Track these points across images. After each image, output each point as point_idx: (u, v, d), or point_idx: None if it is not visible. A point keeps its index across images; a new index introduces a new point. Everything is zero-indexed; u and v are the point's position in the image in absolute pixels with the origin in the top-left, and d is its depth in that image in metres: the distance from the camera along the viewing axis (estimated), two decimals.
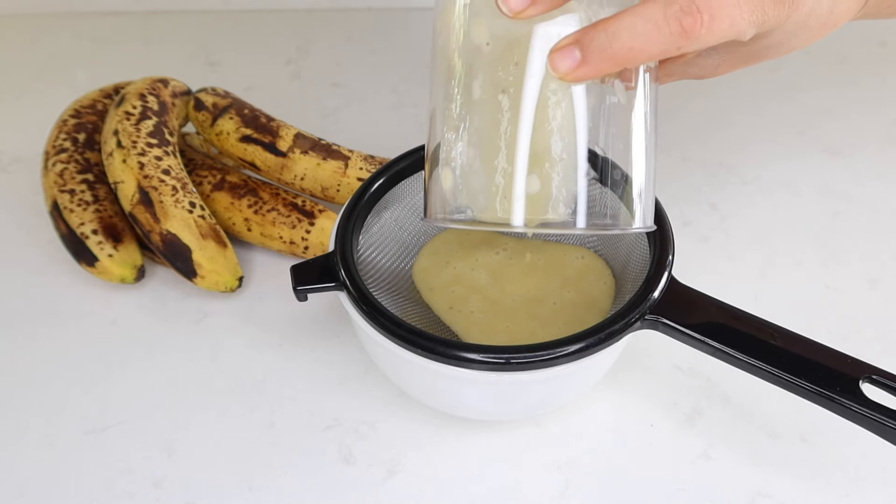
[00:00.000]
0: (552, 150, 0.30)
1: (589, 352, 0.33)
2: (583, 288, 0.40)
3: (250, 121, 0.48)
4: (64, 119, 0.49)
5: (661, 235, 0.36)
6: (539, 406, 0.38)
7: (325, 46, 0.65)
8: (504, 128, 0.30)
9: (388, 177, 0.40)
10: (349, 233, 0.37)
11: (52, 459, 0.38)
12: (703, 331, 0.33)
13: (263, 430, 0.39)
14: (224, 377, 0.41)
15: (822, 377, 0.32)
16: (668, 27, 0.28)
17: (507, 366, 0.32)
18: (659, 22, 0.28)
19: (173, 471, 0.37)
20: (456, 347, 0.33)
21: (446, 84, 0.32)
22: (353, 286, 0.35)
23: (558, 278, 0.40)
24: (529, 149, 0.30)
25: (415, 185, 0.41)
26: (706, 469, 0.37)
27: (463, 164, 0.31)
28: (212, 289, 0.44)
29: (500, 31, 0.30)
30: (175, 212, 0.43)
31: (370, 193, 0.39)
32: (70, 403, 0.40)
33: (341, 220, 0.38)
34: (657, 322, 0.34)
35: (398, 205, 0.41)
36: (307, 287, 0.36)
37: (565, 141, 0.30)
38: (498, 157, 0.30)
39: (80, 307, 0.45)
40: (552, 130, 0.30)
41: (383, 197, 0.40)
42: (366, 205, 0.39)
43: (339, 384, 0.41)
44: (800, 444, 0.38)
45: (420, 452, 0.38)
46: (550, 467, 0.38)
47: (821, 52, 0.65)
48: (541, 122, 0.30)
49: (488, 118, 0.30)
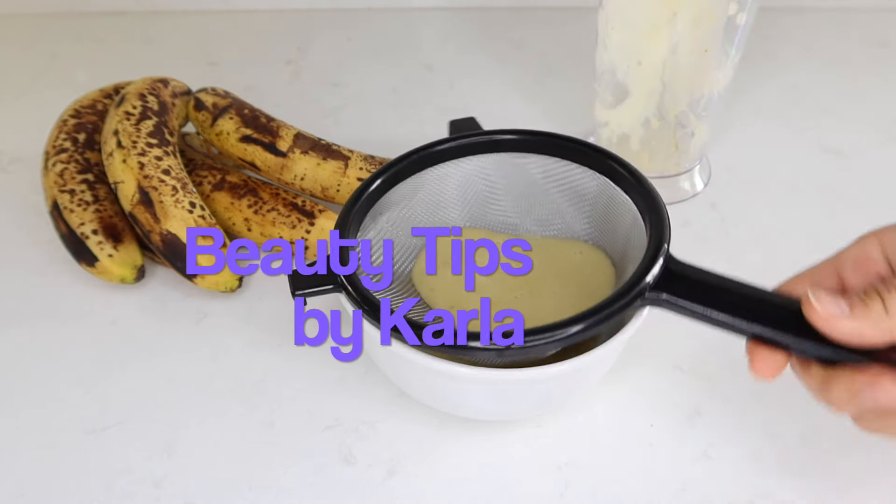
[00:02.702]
0: None
1: (591, 331, 0.32)
2: (583, 281, 0.40)
3: (250, 121, 0.48)
4: (64, 119, 0.49)
5: (657, 217, 0.35)
6: (539, 406, 0.38)
7: (325, 46, 0.65)
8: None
9: (387, 177, 0.40)
10: (347, 233, 0.37)
11: (52, 459, 0.38)
12: (708, 302, 0.33)
13: (263, 430, 0.39)
14: (224, 377, 0.41)
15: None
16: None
17: (509, 351, 0.32)
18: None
19: (173, 471, 0.37)
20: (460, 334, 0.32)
21: None
22: (352, 286, 0.35)
23: (558, 273, 0.40)
24: None
25: (414, 185, 0.41)
26: (706, 469, 0.37)
27: None
28: (212, 289, 0.44)
29: None
30: (175, 212, 0.43)
31: (369, 193, 0.39)
32: (70, 403, 0.40)
33: (340, 221, 0.38)
34: (659, 299, 0.33)
35: (398, 206, 0.41)
36: (306, 291, 0.36)
37: None
38: None
39: (80, 307, 0.45)
40: None
41: (383, 197, 0.40)
42: (364, 204, 0.39)
43: (339, 384, 0.41)
44: (800, 444, 0.38)
45: (420, 452, 0.38)
46: (550, 467, 0.38)
47: (821, 51, 0.65)
48: None
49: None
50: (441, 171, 0.41)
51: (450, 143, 0.40)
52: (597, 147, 0.39)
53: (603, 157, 0.38)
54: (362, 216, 0.39)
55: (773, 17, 0.65)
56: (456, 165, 0.41)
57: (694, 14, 0.43)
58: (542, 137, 0.40)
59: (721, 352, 0.42)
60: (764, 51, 0.63)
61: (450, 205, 0.42)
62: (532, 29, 0.67)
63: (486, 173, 0.41)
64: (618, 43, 0.46)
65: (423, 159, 0.40)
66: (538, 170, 0.40)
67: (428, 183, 0.41)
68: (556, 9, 0.68)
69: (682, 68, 0.45)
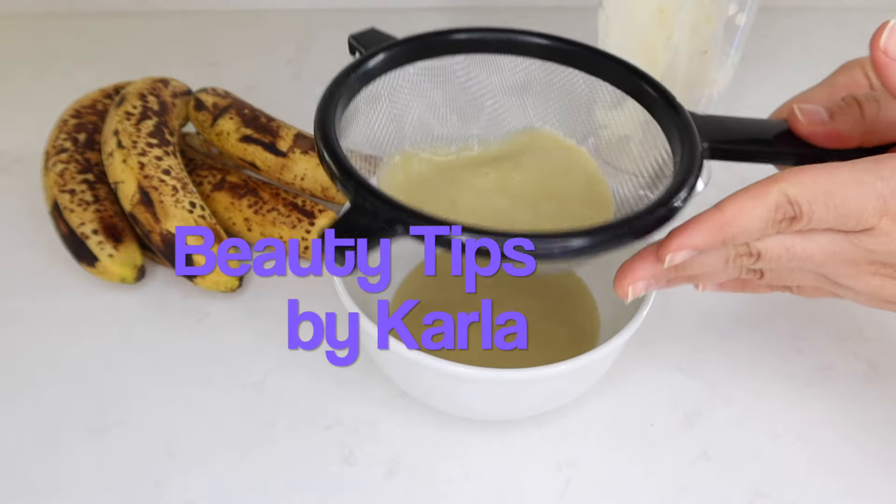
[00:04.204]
0: None
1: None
2: (569, 169, 0.38)
3: (250, 121, 0.48)
4: (64, 119, 0.49)
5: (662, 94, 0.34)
6: (539, 406, 0.38)
7: (325, 46, 0.65)
8: None
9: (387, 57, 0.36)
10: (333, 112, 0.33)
11: (52, 459, 0.38)
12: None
13: (263, 430, 0.39)
14: (224, 377, 0.41)
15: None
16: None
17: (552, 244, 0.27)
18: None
19: (173, 471, 0.37)
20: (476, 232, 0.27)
21: None
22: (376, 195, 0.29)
23: (550, 178, 0.38)
24: None
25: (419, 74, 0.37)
26: (706, 469, 0.37)
27: None
28: (212, 289, 0.44)
29: None
30: (175, 212, 0.43)
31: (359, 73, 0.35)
32: (70, 403, 0.40)
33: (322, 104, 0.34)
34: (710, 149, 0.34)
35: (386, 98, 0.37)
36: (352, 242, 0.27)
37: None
38: None
39: (80, 307, 0.45)
40: None
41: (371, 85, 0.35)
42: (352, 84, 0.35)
43: (339, 384, 0.41)
44: (800, 444, 0.38)
45: (420, 452, 0.38)
46: (550, 467, 0.38)
47: (821, 51, 0.65)
48: None
49: None
50: (435, 64, 0.37)
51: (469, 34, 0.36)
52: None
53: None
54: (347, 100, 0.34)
55: (773, 17, 0.65)
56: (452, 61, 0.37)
57: (693, 16, 0.43)
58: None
59: (721, 352, 0.42)
60: (764, 51, 0.63)
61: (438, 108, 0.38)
62: (532, 28, 0.67)
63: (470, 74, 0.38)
64: (617, 43, 0.46)
65: (434, 45, 0.36)
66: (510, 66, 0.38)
67: (419, 80, 0.37)
68: (556, 9, 0.68)
69: (681, 69, 0.45)
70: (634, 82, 0.35)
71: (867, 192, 0.29)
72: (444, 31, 0.36)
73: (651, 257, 0.31)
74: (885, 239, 0.29)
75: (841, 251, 0.30)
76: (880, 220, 0.29)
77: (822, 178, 0.29)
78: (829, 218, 0.29)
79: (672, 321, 0.44)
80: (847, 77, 0.35)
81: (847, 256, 0.30)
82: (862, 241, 0.30)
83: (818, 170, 0.29)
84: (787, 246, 0.30)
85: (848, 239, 0.30)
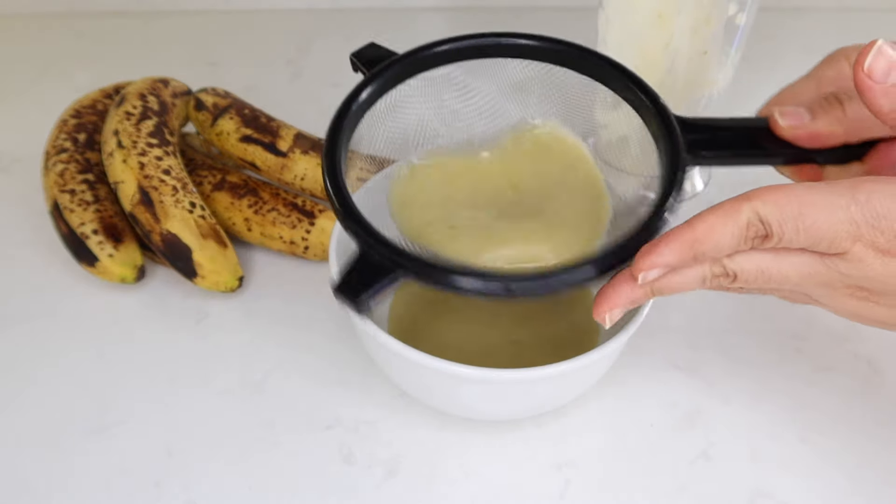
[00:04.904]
0: None
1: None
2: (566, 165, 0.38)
3: (250, 121, 0.48)
4: (64, 119, 0.49)
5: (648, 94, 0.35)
6: (539, 406, 0.38)
7: (325, 46, 0.65)
8: None
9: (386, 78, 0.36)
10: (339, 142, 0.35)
11: (52, 459, 0.38)
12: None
13: (263, 430, 0.39)
14: (224, 377, 0.41)
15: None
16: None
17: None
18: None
19: (173, 471, 0.37)
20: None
21: None
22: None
23: (549, 180, 0.38)
24: None
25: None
26: (706, 469, 0.38)
27: None
28: (212, 289, 0.44)
29: None
30: (175, 212, 0.43)
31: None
32: (70, 403, 0.40)
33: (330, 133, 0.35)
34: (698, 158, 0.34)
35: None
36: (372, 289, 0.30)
37: None
38: None
39: (80, 307, 0.45)
40: None
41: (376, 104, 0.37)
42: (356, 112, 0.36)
43: (339, 384, 0.41)
44: (800, 444, 0.38)
45: (420, 452, 0.38)
46: (550, 467, 0.38)
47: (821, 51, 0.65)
48: None
49: None
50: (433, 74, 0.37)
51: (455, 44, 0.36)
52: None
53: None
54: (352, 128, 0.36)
55: (773, 17, 0.65)
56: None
57: (692, 18, 0.43)
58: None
59: (721, 352, 0.42)
60: (764, 51, 0.63)
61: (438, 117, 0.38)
62: (532, 29, 0.67)
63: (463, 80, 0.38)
64: (617, 44, 0.46)
65: (427, 58, 0.36)
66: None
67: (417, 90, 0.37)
68: (556, 9, 0.68)
69: (681, 69, 0.45)
70: (625, 84, 0.35)
71: (840, 216, 0.28)
72: (435, 43, 0.36)
73: (627, 283, 0.30)
74: (858, 264, 0.29)
75: (816, 273, 0.30)
76: (853, 245, 0.28)
77: (795, 199, 0.28)
78: (800, 239, 0.29)
79: (672, 321, 0.44)
80: (833, 69, 0.35)
81: (822, 279, 0.30)
82: (836, 265, 0.29)
83: (792, 189, 0.29)
84: (762, 268, 0.30)
85: (823, 261, 0.29)
